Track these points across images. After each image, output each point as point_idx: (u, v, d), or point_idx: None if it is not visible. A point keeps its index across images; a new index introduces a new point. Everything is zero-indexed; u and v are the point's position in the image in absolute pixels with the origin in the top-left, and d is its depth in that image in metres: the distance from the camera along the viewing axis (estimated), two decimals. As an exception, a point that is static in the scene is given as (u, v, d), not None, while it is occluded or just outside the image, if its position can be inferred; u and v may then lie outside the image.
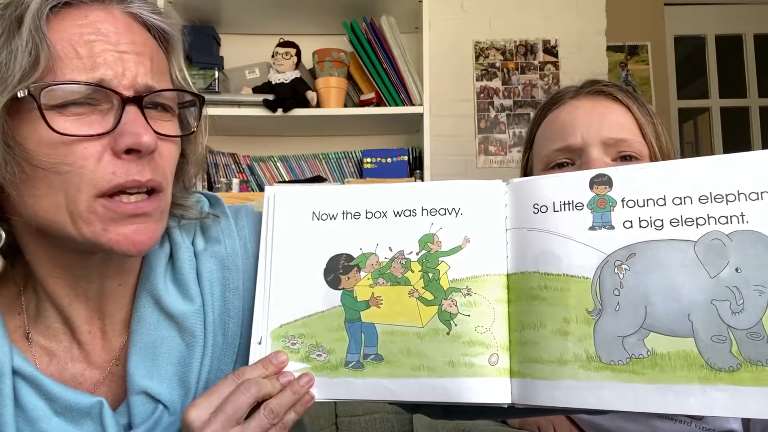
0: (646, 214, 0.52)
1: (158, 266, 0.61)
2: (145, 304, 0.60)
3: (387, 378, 0.55)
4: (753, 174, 0.50)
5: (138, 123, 0.51)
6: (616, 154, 0.81)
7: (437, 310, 0.56)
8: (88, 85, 0.50)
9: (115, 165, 0.51)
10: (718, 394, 0.46)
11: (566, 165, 0.83)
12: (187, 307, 0.61)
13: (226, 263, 0.64)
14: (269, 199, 0.63)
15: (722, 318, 0.48)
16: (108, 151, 0.51)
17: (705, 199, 0.51)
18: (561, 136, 0.83)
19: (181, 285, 0.62)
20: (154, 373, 0.59)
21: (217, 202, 0.68)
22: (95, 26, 0.51)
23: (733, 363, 0.47)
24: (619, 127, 0.81)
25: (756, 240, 0.49)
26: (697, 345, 0.48)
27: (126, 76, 0.51)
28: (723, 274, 0.49)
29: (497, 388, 0.54)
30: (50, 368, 0.60)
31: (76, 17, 0.51)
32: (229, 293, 0.63)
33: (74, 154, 0.50)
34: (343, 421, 1.49)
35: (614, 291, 0.52)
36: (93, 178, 0.50)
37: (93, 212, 0.51)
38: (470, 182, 0.60)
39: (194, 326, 0.61)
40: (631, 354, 0.50)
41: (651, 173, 0.54)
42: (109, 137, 0.51)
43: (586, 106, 0.84)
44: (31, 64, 0.48)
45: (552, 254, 0.54)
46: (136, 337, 0.60)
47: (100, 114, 0.51)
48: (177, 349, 0.61)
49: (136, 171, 0.52)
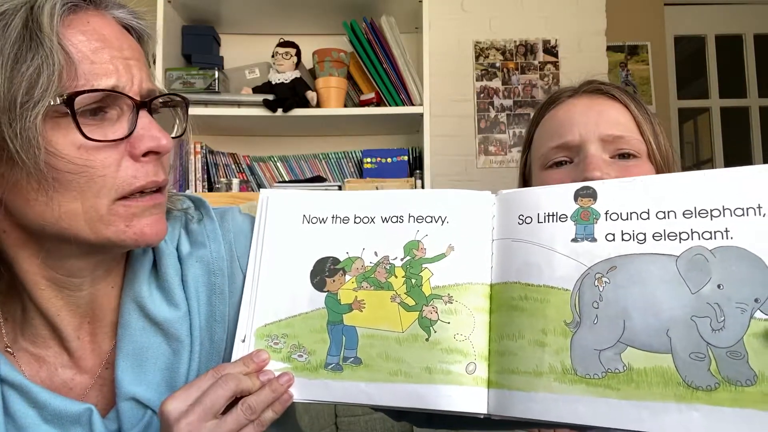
0: (629, 228, 0.52)
1: (141, 273, 0.61)
2: (129, 310, 0.60)
3: (365, 382, 0.55)
4: (739, 190, 0.49)
5: (153, 127, 0.53)
6: (614, 151, 0.80)
7: (418, 316, 0.56)
8: (106, 92, 0.50)
9: (135, 169, 0.52)
10: (694, 413, 0.45)
11: (564, 163, 0.82)
12: (172, 313, 0.60)
13: (212, 268, 0.64)
14: (263, 201, 0.64)
15: (702, 335, 0.47)
16: (126, 156, 0.52)
17: (689, 213, 0.50)
18: (559, 134, 0.83)
19: (166, 291, 0.61)
20: (142, 380, 0.59)
21: (202, 204, 0.68)
22: (98, 32, 0.51)
23: (711, 382, 0.45)
24: (616, 124, 0.80)
25: (740, 256, 0.48)
26: (674, 362, 0.47)
27: (134, 82, 0.53)
28: (704, 291, 0.47)
29: (473, 397, 0.53)
30: (40, 374, 0.59)
31: (78, 23, 0.51)
32: (216, 298, 0.63)
33: (96, 160, 0.50)
34: (342, 421, 1.49)
35: (593, 304, 0.51)
36: (114, 184, 0.51)
37: (114, 214, 0.52)
38: (459, 192, 0.60)
39: (180, 332, 0.60)
40: (607, 368, 0.49)
41: (636, 187, 0.53)
42: (125, 143, 0.52)
43: (584, 104, 0.84)
44: (59, 71, 0.47)
45: (534, 265, 0.54)
46: (123, 344, 0.59)
47: (110, 122, 0.52)
48: (164, 355, 0.61)
49: (154, 172, 0.54)
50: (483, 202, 0.59)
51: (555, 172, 0.83)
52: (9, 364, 0.57)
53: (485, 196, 0.60)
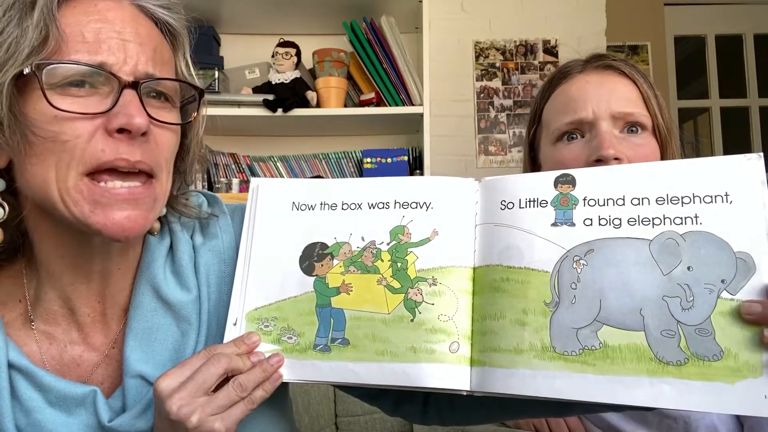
0: (605, 213, 0.55)
1: (159, 257, 0.64)
2: (143, 291, 0.63)
3: (352, 362, 0.57)
4: (708, 178, 0.52)
5: (132, 105, 0.53)
6: (623, 125, 0.85)
7: (403, 298, 0.58)
8: (88, 66, 0.52)
9: (105, 143, 0.53)
10: (665, 386, 0.48)
11: (576, 137, 0.86)
12: (184, 296, 0.64)
13: (223, 257, 0.67)
14: (253, 190, 0.66)
15: (672, 314, 0.50)
16: (101, 130, 0.53)
17: (662, 200, 0.53)
18: (573, 109, 0.86)
19: (180, 275, 0.65)
20: (150, 358, 0.62)
21: (216, 201, 0.72)
22: (103, 14, 0.54)
23: (680, 357, 0.49)
24: (626, 100, 0.85)
25: (708, 240, 0.51)
26: (647, 339, 0.50)
27: (127, 62, 0.54)
28: (675, 272, 0.51)
29: (456, 375, 0.55)
30: (51, 351, 0.62)
31: (86, 6, 0.54)
32: (224, 285, 0.66)
33: (68, 131, 0.52)
34: (342, 421, 1.49)
35: (572, 285, 0.54)
36: (82, 155, 0.52)
37: (79, 192, 0.53)
38: (443, 179, 0.62)
39: (190, 314, 0.64)
40: (584, 345, 0.51)
41: (612, 175, 0.57)
42: (103, 118, 0.53)
43: (596, 81, 0.87)
44: (39, 42, 0.50)
45: (515, 248, 0.57)
46: (134, 323, 0.62)
47: (100, 97, 0.53)
48: (172, 335, 0.63)
49: (126, 150, 0.53)
50: (466, 188, 0.62)
51: (568, 147, 0.86)
52: (17, 350, 0.59)
53: (468, 183, 0.62)
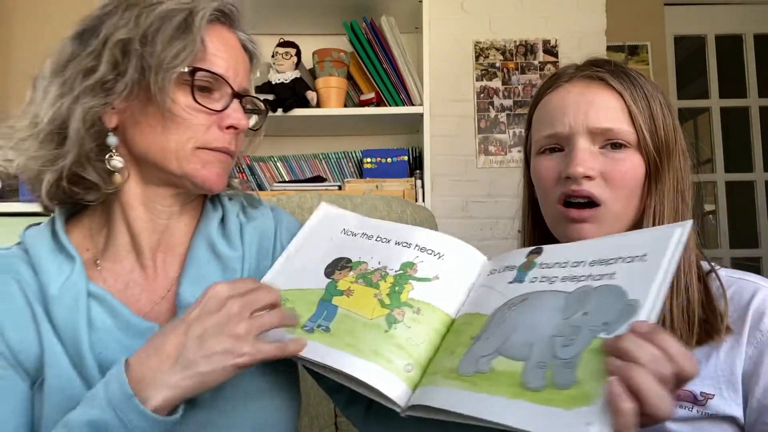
0: (549, 273, 0.64)
1: (213, 222, 0.80)
2: (200, 245, 0.78)
3: (324, 345, 0.67)
4: (635, 244, 0.59)
5: (239, 110, 0.75)
6: (603, 141, 0.81)
7: (387, 313, 0.68)
8: (220, 76, 0.73)
9: (216, 134, 0.73)
10: (516, 407, 0.53)
11: (556, 150, 0.85)
12: (232, 252, 0.79)
13: (263, 234, 0.84)
14: (319, 210, 0.85)
15: (554, 350, 0.55)
16: (215, 124, 0.73)
17: (594, 263, 0.61)
18: (551, 123, 0.85)
19: (229, 238, 0.80)
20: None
21: (255, 197, 0.90)
22: (226, 41, 0.76)
23: (540, 384, 0.53)
24: (605, 116, 0.81)
25: (611, 292, 0.56)
26: (524, 367, 0.56)
27: (237, 80, 0.75)
28: (574, 317, 0.57)
29: (398, 388, 0.63)
30: (116, 286, 0.75)
31: (217, 31, 0.75)
32: (262, 256, 0.82)
33: (196, 118, 0.71)
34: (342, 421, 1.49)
35: (497, 324, 0.62)
36: (200, 138, 0.72)
37: (195, 156, 0.72)
38: (462, 243, 0.74)
39: (236, 267, 0.78)
40: (477, 369, 0.59)
41: (571, 247, 0.67)
42: (217, 115, 0.73)
43: (577, 92, 0.84)
44: (195, 52, 0.70)
45: (478, 300, 0.68)
46: (189, 270, 0.76)
47: (214, 100, 0.73)
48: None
49: (228, 141, 0.75)
50: (475, 260, 0.74)
51: (546, 160, 0.86)
52: (94, 284, 0.72)
53: (479, 258, 0.74)
